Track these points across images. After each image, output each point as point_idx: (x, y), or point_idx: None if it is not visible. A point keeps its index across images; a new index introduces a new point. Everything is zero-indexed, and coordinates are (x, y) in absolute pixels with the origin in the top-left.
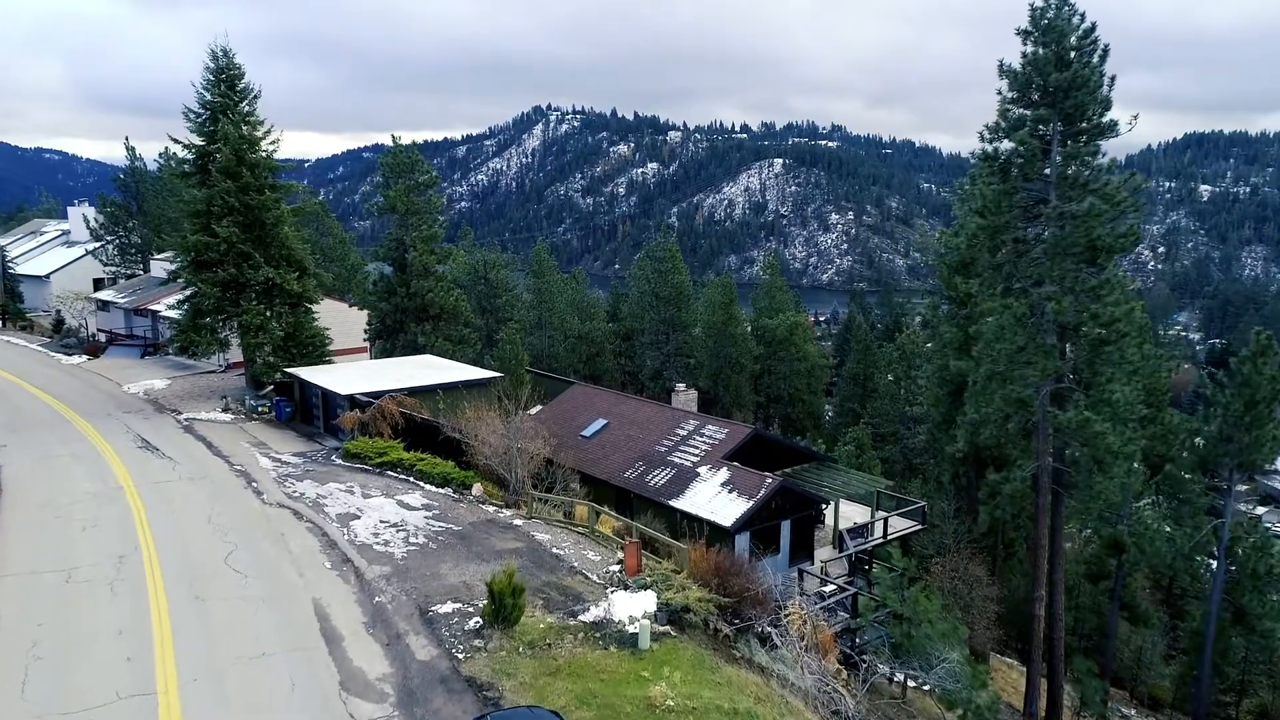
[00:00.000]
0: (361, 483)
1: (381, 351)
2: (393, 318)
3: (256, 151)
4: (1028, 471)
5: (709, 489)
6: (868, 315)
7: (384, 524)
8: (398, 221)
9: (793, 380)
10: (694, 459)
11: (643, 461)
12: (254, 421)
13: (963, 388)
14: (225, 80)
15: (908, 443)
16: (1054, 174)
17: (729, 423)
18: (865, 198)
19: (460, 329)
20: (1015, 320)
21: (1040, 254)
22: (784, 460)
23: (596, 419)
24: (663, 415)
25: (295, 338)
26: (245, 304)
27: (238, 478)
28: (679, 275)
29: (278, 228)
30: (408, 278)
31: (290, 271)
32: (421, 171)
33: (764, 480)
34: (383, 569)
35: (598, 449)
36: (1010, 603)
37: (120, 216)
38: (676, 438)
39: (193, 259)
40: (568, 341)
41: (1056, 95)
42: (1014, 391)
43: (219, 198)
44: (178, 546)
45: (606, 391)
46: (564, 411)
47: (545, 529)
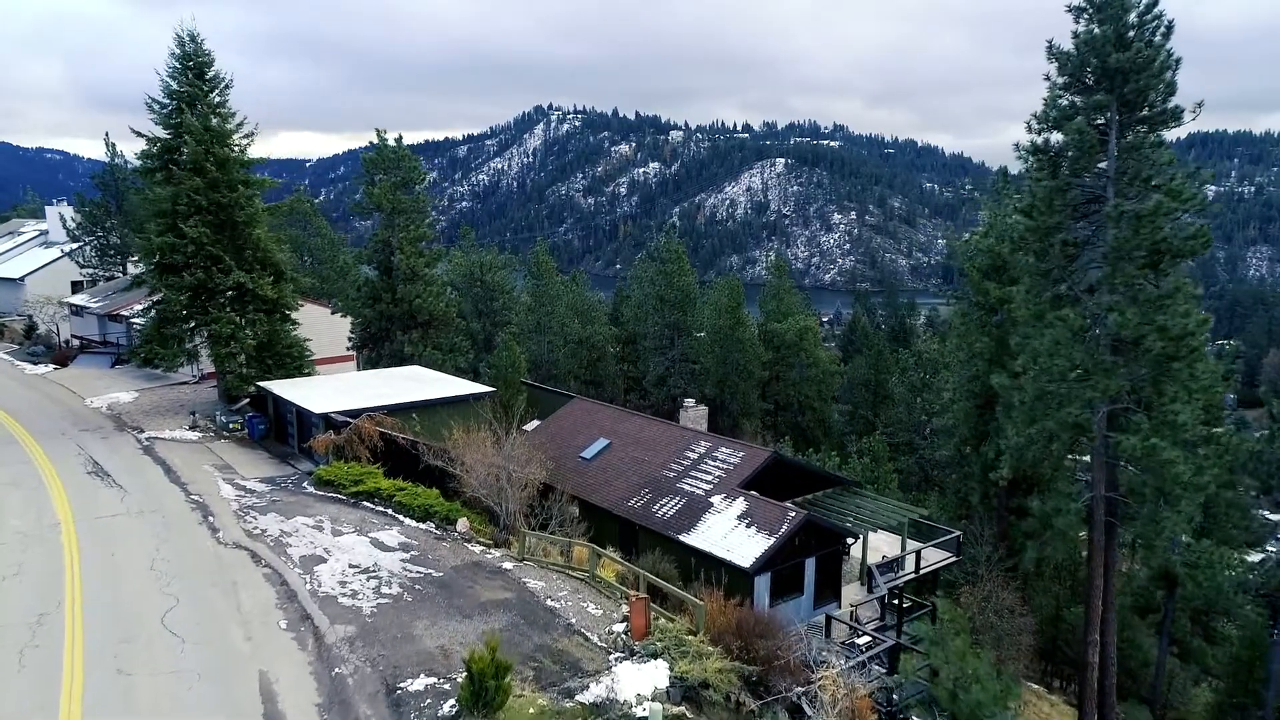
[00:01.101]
0: (333, 516)
1: (366, 362)
2: (378, 325)
3: (228, 146)
4: (1081, 503)
5: (724, 522)
6: (872, 317)
7: (354, 569)
8: (383, 221)
9: (802, 387)
10: (706, 487)
11: (649, 489)
12: (224, 440)
13: (993, 401)
14: (193, 68)
15: (924, 454)
16: (1112, 168)
17: (744, 445)
18: (868, 197)
19: (451, 337)
20: (1072, 335)
21: (1098, 258)
22: (804, 485)
23: (598, 438)
24: (670, 435)
25: (271, 348)
26: (215, 311)
27: (194, 510)
28: (684, 278)
29: (251, 228)
30: (394, 282)
31: (265, 276)
32: (409, 167)
33: (786, 514)
34: (347, 629)
35: (599, 473)
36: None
37: (99, 216)
38: (686, 461)
39: (157, 262)
40: (568, 346)
41: (1115, 79)
42: (1070, 415)
43: (185, 195)
44: (110, 602)
45: (608, 407)
46: (562, 429)
47: (539, 574)
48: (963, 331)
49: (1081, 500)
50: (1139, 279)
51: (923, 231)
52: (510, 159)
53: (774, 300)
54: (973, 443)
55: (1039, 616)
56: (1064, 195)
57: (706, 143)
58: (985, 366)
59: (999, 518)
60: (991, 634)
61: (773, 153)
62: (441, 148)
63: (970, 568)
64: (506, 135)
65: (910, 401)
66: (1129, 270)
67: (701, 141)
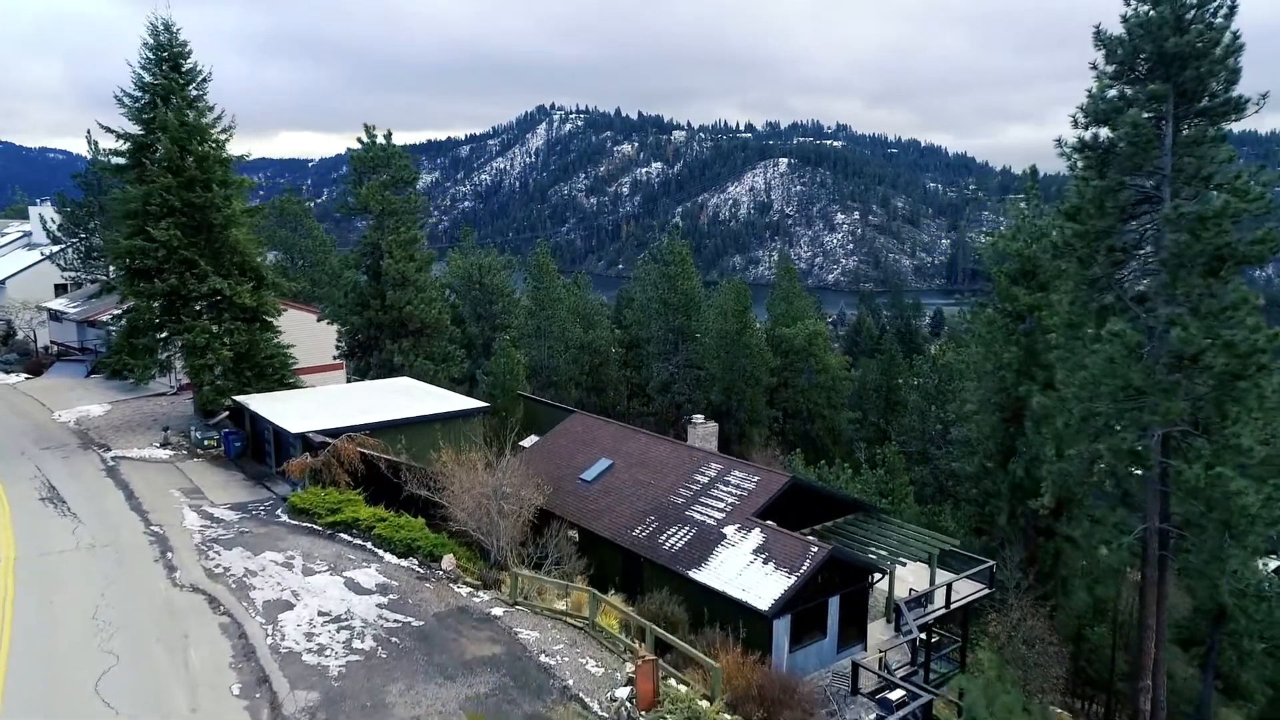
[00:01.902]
0: (305, 551)
1: (354, 372)
2: (366, 333)
3: (205, 142)
4: (1132, 536)
5: (738, 557)
6: (877, 318)
7: (324, 617)
8: (372, 224)
9: (811, 394)
10: (718, 515)
11: (655, 516)
12: (197, 460)
13: (1020, 414)
14: (167, 60)
15: (939, 464)
16: (1168, 165)
17: (759, 468)
18: (871, 197)
19: (444, 345)
20: (1127, 351)
21: (1149, 265)
22: (824, 511)
23: (599, 458)
24: (678, 456)
25: (250, 358)
26: (189, 320)
27: (152, 544)
28: (689, 281)
29: (228, 230)
30: (383, 288)
31: (243, 281)
32: (399, 166)
33: (807, 548)
34: (309, 696)
35: (600, 497)
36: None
37: (81, 217)
38: (696, 485)
39: (127, 267)
40: (569, 352)
41: (1172, 66)
42: (1123, 441)
43: (157, 195)
44: (40, 661)
45: (610, 424)
46: (561, 447)
47: (532, 621)
48: (988, 339)
49: (1133, 533)
50: (1200, 289)
51: (926, 231)
52: (513, 159)
53: (783, 303)
54: (998, 458)
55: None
56: (1115, 196)
57: (709, 142)
58: (1014, 378)
59: (1027, 539)
60: (1021, 665)
61: (775, 152)
62: (444, 147)
63: (999, 594)
64: (509, 135)
65: (924, 409)
66: (1189, 279)
67: (704, 141)
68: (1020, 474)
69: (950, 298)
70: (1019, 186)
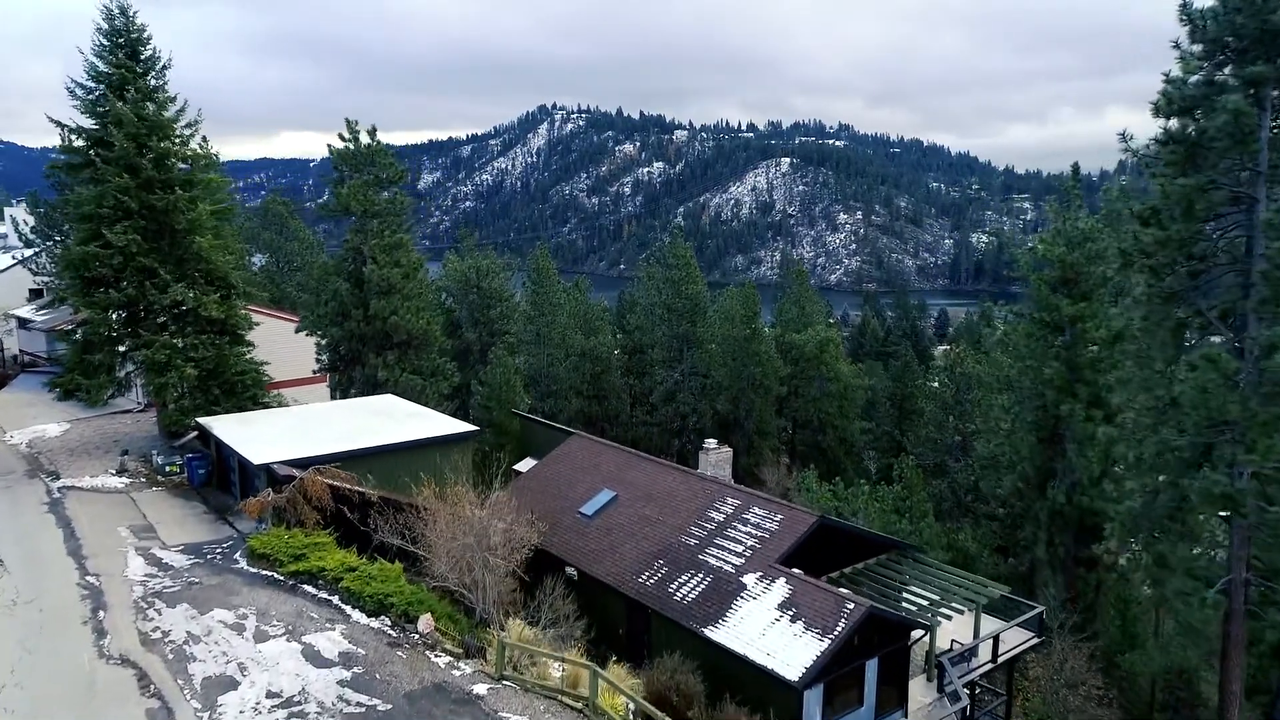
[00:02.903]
0: (261, 608)
1: (335, 387)
2: (347, 346)
3: (166, 138)
4: (1216, 590)
5: (760, 612)
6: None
7: (273, 700)
8: (354, 226)
9: (823, 404)
10: (736, 561)
11: (664, 560)
12: (156, 489)
13: (1060, 433)
14: (123, 47)
15: (957, 478)
16: (1264, 161)
17: (780, 504)
18: (874, 197)
19: (433, 358)
20: (1222, 379)
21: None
22: (853, 552)
23: (601, 488)
24: (689, 488)
25: (218, 375)
26: (148, 334)
27: (84, 600)
28: (694, 286)
29: (192, 235)
30: (365, 296)
31: (210, 291)
32: (384, 164)
33: (841, 606)
34: None
35: (601, 535)
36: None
37: (56, 219)
38: (711, 524)
39: (80, 276)
40: (569, 359)
41: (1276, 45)
42: (1215, 484)
43: (111, 196)
44: None
45: (613, 448)
46: (559, 475)
47: (521, 703)
48: (1026, 352)
49: (1217, 586)
50: None
51: (929, 231)
52: (514, 158)
53: (794, 307)
54: (1035, 481)
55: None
56: (1207, 197)
57: (711, 142)
58: (1055, 395)
59: (1065, 570)
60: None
61: (777, 152)
62: (445, 147)
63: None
64: (510, 135)
65: (942, 420)
66: None
67: (706, 141)
68: (1061, 501)
69: (954, 298)
70: (1021, 186)
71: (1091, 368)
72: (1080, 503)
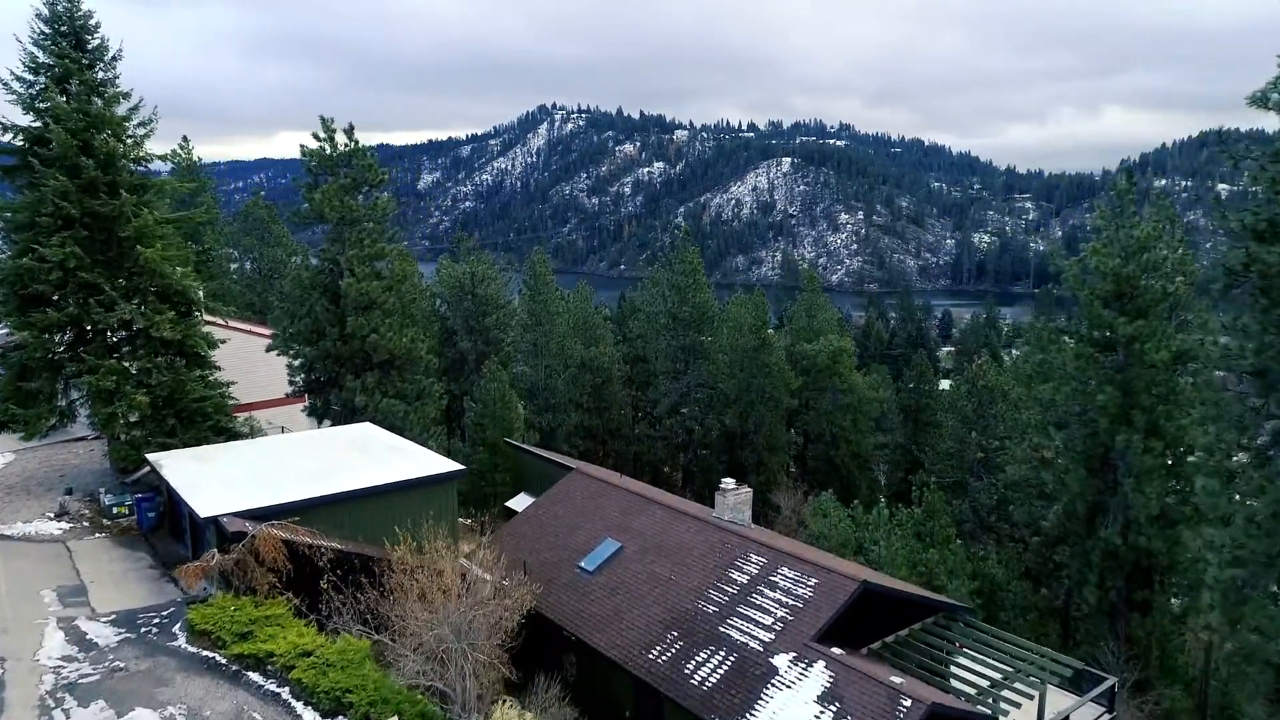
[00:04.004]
0: (194, 705)
1: (310, 413)
2: (322, 367)
3: (116, 137)
4: None
5: (797, 705)
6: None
7: None
8: (329, 235)
9: (836, 417)
10: (765, 635)
11: (678, 631)
12: (99, 535)
13: (1111, 463)
14: (67, 35)
15: (980, 497)
16: None
17: (814, 564)
18: (875, 197)
19: (418, 379)
20: None
21: None
22: (897, 616)
23: (604, 537)
24: (706, 540)
25: (175, 403)
26: (93, 358)
27: None
28: (701, 293)
29: (144, 245)
30: (342, 312)
31: (163, 309)
32: (363, 166)
33: (896, 702)
34: None
35: (605, 596)
36: None
37: None
38: (733, 586)
39: (14, 293)
40: (568, 371)
41: None
42: None
43: (50, 202)
44: None
45: (618, 487)
46: (556, 518)
47: None
48: (1075, 374)
49: None
50: None
51: (931, 231)
52: (514, 159)
53: (805, 315)
54: (1085, 520)
55: None
56: None
57: (711, 142)
58: (1108, 424)
59: (1119, 615)
60: None
61: (778, 152)
62: (445, 147)
63: None
64: (510, 135)
65: (963, 435)
66: None
67: (706, 141)
68: (1116, 541)
69: (956, 298)
70: (1023, 186)
71: (1148, 392)
72: (1137, 543)
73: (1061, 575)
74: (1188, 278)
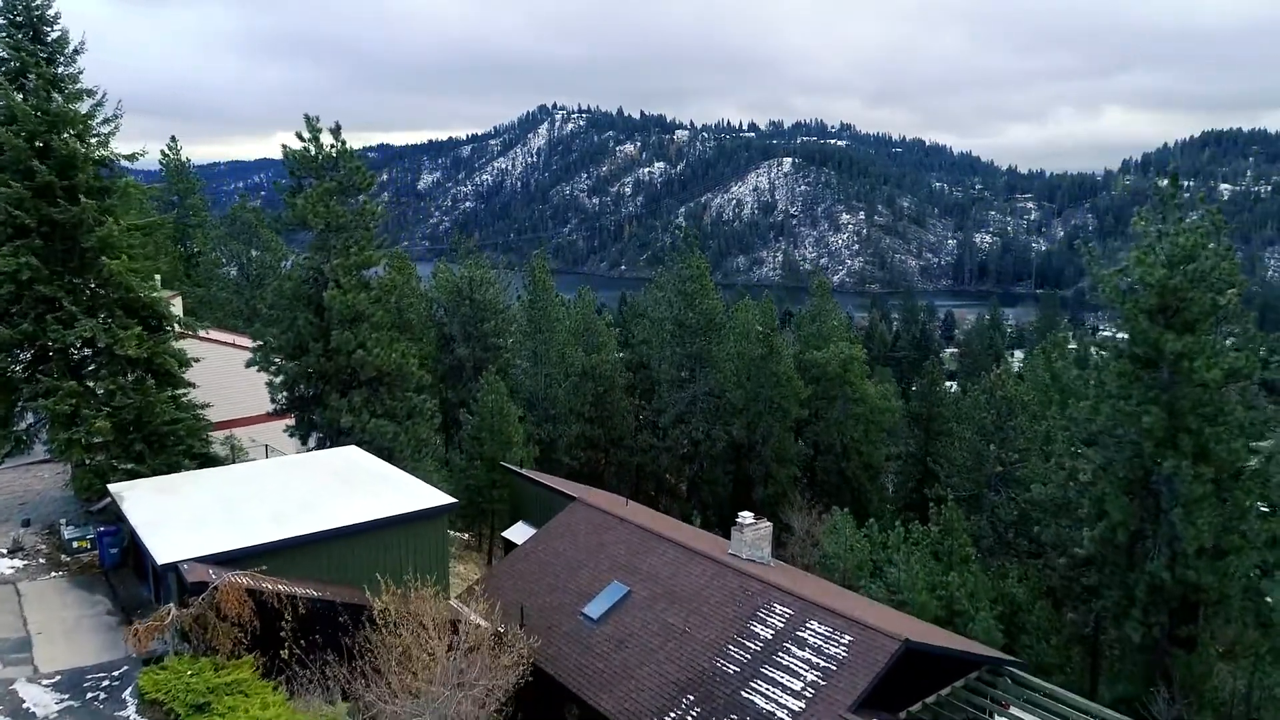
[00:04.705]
0: None
1: (291, 434)
2: (306, 385)
3: (78, 138)
4: None
5: None
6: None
7: None
8: (313, 243)
9: (847, 427)
10: (794, 702)
11: (695, 696)
12: (57, 574)
13: (1153, 488)
14: (23, 26)
15: (998, 512)
16: None
17: (848, 617)
18: (876, 197)
19: (409, 397)
20: None
21: None
22: (938, 673)
23: (610, 579)
24: (724, 586)
25: (143, 426)
26: (50, 379)
27: None
28: (708, 299)
29: (108, 255)
30: (326, 326)
31: (130, 324)
32: (350, 168)
33: None
34: None
35: (612, 650)
36: None
37: None
38: (756, 642)
39: None
40: (569, 380)
41: None
42: None
43: (2, 210)
44: None
45: (624, 522)
46: (557, 556)
47: None
48: (1118, 393)
49: None
50: None
51: (933, 231)
52: (514, 159)
53: (813, 322)
54: (1124, 545)
55: None
56: None
57: (712, 142)
58: (1154, 449)
59: (1161, 651)
60: None
61: (779, 152)
62: (445, 147)
63: None
64: (510, 135)
65: (981, 449)
66: None
67: (707, 141)
68: (1164, 575)
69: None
70: (1024, 186)
71: (1195, 413)
72: (1185, 577)
73: (1090, 601)
74: (1239, 289)
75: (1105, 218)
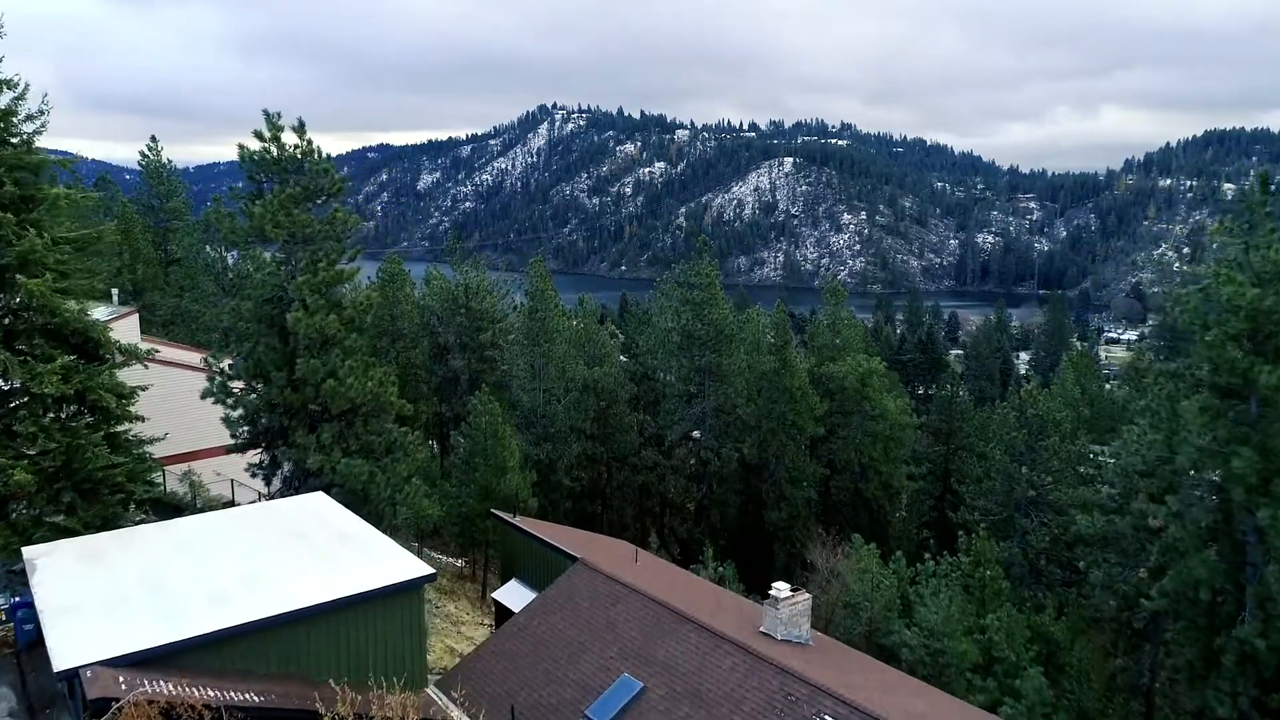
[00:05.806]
0: None
1: (254, 471)
2: (268, 419)
3: (4, 138)
4: None
5: None
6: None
7: None
8: (275, 257)
9: (865, 446)
10: None
11: None
12: None
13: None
14: None
15: (1032, 539)
16: None
17: None
18: (878, 197)
19: (389, 429)
20: None
21: None
22: None
23: (620, 670)
24: (760, 686)
25: (73, 473)
26: None
27: None
28: (718, 310)
29: (27, 275)
30: (291, 351)
31: (54, 354)
32: (317, 171)
33: None
34: None
35: None
36: None
37: None
38: None
39: None
40: (569, 395)
41: None
42: None
43: None
44: None
45: (635, 593)
46: (555, 634)
47: None
48: (1199, 429)
49: None
50: None
51: (934, 232)
52: (514, 159)
53: (829, 333)
54: (1207, 603)
55: None
56: None
57: (713, 142)
58: (1244, 495)
59: None
60: None
61: (779, 151)
62: (444, 147)
63: None
64: (510, 135)
65: (1013, 472)
66: None
67: (708, 141)
68: (1256, 643)
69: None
70: (1026, 186)
71: None
72: None
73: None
74: None
75: (1108, 218)
